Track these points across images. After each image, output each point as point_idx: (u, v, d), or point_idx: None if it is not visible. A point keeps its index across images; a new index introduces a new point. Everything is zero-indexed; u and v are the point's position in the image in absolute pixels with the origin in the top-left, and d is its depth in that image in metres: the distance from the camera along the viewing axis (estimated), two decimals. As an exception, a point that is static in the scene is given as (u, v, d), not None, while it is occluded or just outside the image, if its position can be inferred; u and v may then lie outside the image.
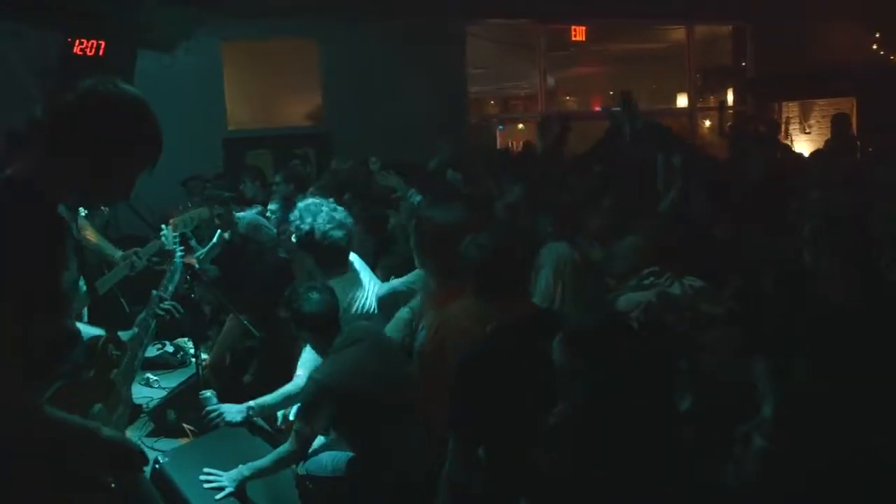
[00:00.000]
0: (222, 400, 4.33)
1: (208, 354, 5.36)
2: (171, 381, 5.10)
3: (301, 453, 3.93)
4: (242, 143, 10.44)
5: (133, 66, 9.05)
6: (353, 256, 4.71)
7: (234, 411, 4.18)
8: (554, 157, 7.03)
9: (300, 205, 4.75)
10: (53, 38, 8.66)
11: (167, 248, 4.39)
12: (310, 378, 3.91)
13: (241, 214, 6.56)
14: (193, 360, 5.07)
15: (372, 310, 4.53)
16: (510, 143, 13.68)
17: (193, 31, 9.02)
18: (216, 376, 5.20)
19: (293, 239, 4.62)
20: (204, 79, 10.51)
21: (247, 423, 4.21)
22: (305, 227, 4.49)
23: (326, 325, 3.97)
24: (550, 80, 14.04)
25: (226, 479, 3.77)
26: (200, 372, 4.61)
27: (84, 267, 2.58)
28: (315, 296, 3.95)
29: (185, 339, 5.55)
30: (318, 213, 4.53)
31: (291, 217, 4.70)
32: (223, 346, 5.41)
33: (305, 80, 11.58)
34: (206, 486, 3.76)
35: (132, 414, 3.75)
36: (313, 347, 4.14)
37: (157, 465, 3.63)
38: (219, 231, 6.00)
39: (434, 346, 3.65)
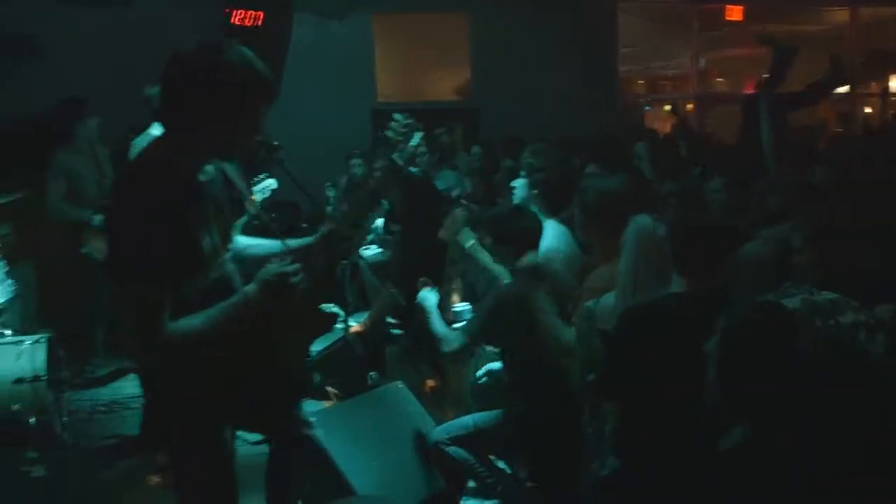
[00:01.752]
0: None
1: (353, 321, 5.49)
2: (317, 344, 5.21)
3: (464, 348, 4.13)
4: (391, 116, 10.54)
5: (289, 38, 9.26)
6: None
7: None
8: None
9: None
10: (213, 8, 8.93)
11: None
12: (497, 290, 4.20)
13: None
14: (340, 325, 5.19)
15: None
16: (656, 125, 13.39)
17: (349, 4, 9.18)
18: (363, 342, 5.31)
19: None
20: (355, 51, 10.65)
21: None
22: None
23: (528, 246, 4.13)
24: (701, 61, 13.64)
25: None
26: (347, 337, 4.72)
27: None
28: (527, 215, 4.27)
29: (331, 304, 5.69)
30: None
31: None
32: (378, 316, 5.50)
33: (454, 55, 11.58)
34: None
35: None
36: (506, 263, 4.28)
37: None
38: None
39: None
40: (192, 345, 2.57)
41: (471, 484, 4.36)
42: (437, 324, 4.25)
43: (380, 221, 7.53)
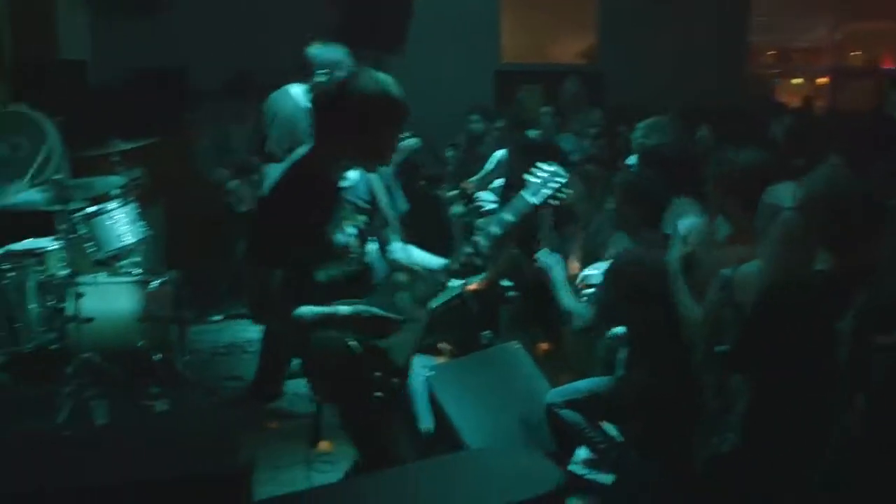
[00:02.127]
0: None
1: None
2: (434, 301, 5.22)
3: (593, 319, 4.09)
4: (514, 77, 10.45)
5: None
6: None
7: None
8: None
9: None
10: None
11: None
12: (621, 254, 4.14)
13: None
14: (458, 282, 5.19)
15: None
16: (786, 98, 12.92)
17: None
18: (479, 301, 5.31)
19: None
20: (481, 10, 10.57)
21: None
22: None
23: (656, 209, 4.10)
24: (837, 34, 13.08)
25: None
26: (463, 295, 4.70)
27: None
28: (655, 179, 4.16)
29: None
30: None
31: None
32: (496, 276, 5.47)
33: (581, 17, 11.39)
34: None
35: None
36: (631, 228, 4.19)
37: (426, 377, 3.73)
38: None
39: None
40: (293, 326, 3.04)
41: (581, 448, 4.33)
42: (566, 297, 4.18)
43: (499, 182, 7.49)
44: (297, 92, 4.99)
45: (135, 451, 3.02)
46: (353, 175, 3.13)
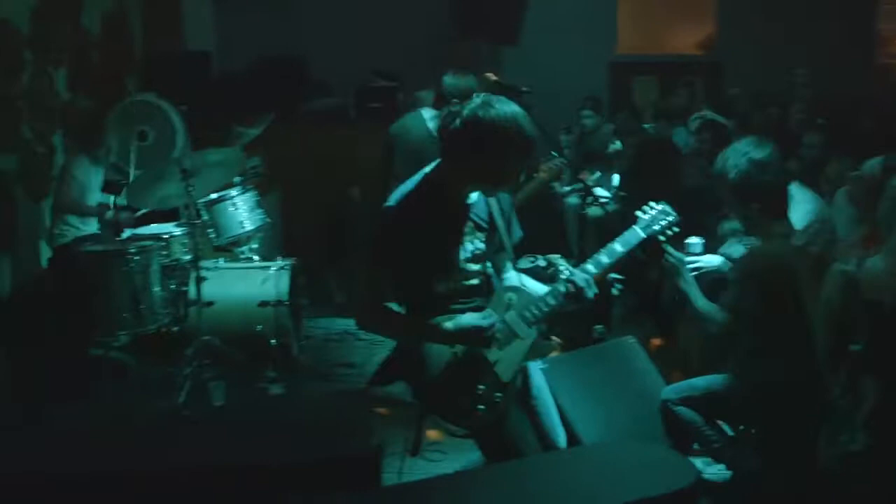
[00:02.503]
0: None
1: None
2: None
3: (729, 323, 3.87)
4: (630, 68, 10.32)
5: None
6: None
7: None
8: None
9: None
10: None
11: None
12: (747, 254, 3.98)
13: None
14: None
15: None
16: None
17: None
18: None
19: None
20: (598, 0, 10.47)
21: None
22: None
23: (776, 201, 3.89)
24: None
25: None
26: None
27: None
28: (770, 168, 3.86)
29: (558, 255, 5.66)
30: None
31: None
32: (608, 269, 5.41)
33: (699, 6, 11.15)
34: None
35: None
36: (755, 226, 3.99)
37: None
38: None
39: None
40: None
41: (696, 446, 4.24)
42: (701, 300, 4.05)
43: (616, 178, 7.41)
44: (429, 117, 5.11)
45: (270, 435, 3.11)
46: (473, 195, 3.23)
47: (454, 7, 8.70)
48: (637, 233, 3.40)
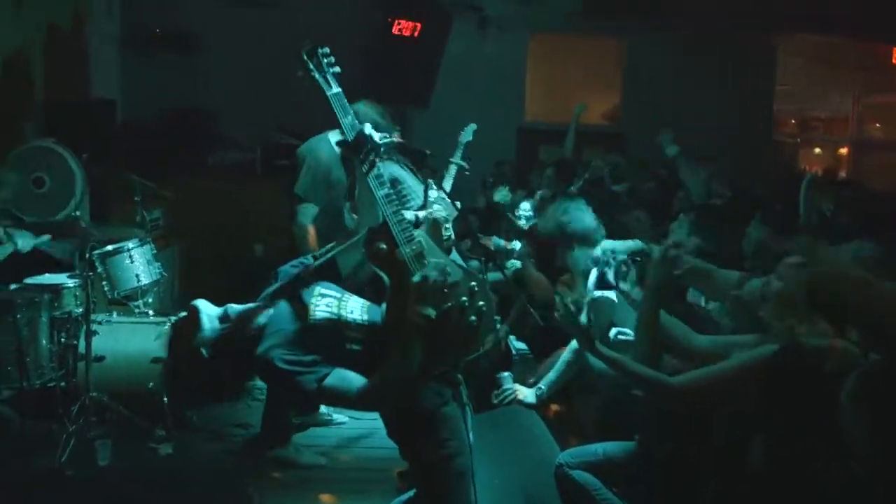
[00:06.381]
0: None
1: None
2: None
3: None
4: (537, 136, 10.51)
5: (443, 49, 9.35)
6: None
7: (527, 392, 4.43)
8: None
9: None
10: (375, 17, 9.11)
11: None
12: None
13: None
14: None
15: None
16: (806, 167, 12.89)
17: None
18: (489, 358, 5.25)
19: None
20: (508, 68, 10.67)
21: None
22: None
23: None
24: (858, 106, 13.12)
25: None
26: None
27: None
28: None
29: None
30: None
31: None
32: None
33: (606, 79, 11.47)
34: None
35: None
36: None
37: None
38: None
39: None
40: None
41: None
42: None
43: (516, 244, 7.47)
44: (336, 139, 5.09)
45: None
46: None
47: (368, 68, 8.77)
48: None
